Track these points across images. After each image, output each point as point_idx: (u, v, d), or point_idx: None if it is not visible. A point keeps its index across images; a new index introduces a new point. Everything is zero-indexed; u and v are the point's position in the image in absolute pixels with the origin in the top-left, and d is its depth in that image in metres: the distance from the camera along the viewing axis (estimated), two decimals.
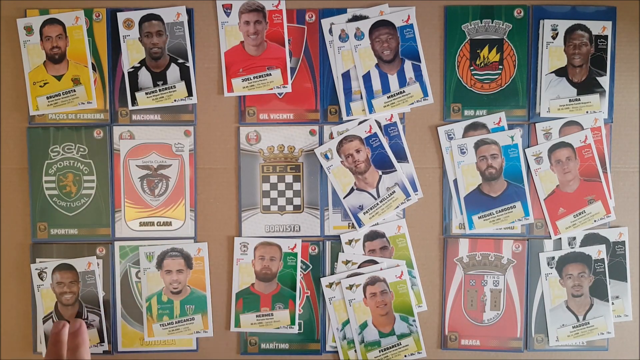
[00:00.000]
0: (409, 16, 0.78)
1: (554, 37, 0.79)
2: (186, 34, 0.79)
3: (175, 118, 0.80)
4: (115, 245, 0.80)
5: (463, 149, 0.79)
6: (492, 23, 0.79)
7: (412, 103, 0.79)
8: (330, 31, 0.79)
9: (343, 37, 0.79)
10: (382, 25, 0.79)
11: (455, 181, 0.80)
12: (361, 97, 0.79)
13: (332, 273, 0.81)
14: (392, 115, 0.80)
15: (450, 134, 0.80)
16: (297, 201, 0.81)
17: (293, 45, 0.80)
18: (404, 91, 0.79)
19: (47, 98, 0.78)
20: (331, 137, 0.80)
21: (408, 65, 0.79)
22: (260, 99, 0.80)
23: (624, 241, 0.81)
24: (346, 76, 0.79)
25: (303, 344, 0.81)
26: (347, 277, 0.80)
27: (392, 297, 0.79)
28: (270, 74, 0.79)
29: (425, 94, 0.79)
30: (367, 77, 0.79)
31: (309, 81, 0.80)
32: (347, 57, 0.79)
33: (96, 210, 0.80)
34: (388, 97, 0.79)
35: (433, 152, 0.81)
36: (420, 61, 0.79)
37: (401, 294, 0.79)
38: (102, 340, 0.80)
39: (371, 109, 0.79)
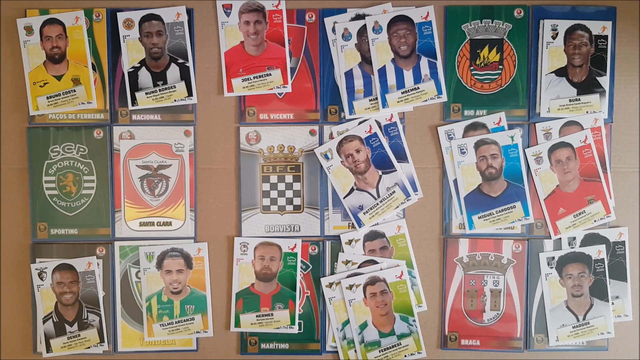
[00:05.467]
0: (427, 13, 0.78)
1: (554, 37, 0.79)
2: (186, 34, 0.79)
3: (175, 118, 0.80)
4: (115, 245, 0.80)
5: (463, 149, 0.79)
6: (492, 23, 0.79)
7: (426, 100, 0.79)
8: (333, 30, 0.79)
9: (346, 36, 0.79)
10: (400, 20, 0.78)
11: (455, 181, 0.80)
12: (364, 96, 0.79)
13: (332, 273, 0.81)
14: (392, 115, 0.80)
15: (450, 134, 0.80)
16: (297, 201, 0.80)
17: (293, 45, 0.80)
18: (418, 87, 0.79)
19: (47, 98, 0.78)
20: (331, 137, 0.80)
21: (424, 62, 0.79)
22: (260, 99, 0.80)
23: (624, 241, 0.80)
24: (349, 75, 0.79)
25: (303, 344, 0.81)
26: (347, 277, 0.79)
27: (392, 297, 0.79)
28: (270, 74, 0.79)
29: (440, 91, 0.79)
30: (382, 72, 0.79)
31: (309, 81, 0.80)
32: (350, 56, 0.79)
33: (96, 210, 0.80)
34: (402, 93, 0.79)
35: (433, 152, 0.81)
36: (436, 58, 0.79)
37: (401, 294, 0.79)
38: (102, 340, 0.80)
39: (385, 103, 0.79)
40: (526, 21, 0.79)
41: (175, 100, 0.79)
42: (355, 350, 0.80)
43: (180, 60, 0.79)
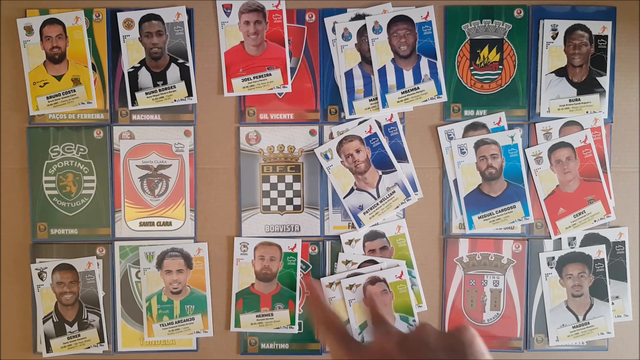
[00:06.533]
0: (427, 13, 0.78)
1: (554, 37, 0.79)
2: (186, 34, 0.79)
3: (175, 118, 0.80)
4: (115, 245, 0.80)
5: (463, 149, 0.79)
6: (492, 23, 0.79)
7: (426, 100, 0.79)
8: (333, 30, 0.79)
9: (346, 36, 0.79)
10: (400, 20, 0.79)
11: (455, 181, 0.80)
12: (364, 96, 0.79)
13: (332, 273, 0.81)
14: (392, 115, 0.80)
15: (450, 134, 0.80)
16: (297, 201, 0.80)
17: (293, 45, 0.80)
18: (418, 87, 0.79)
19: (47, 98, 0.78)
20: (331, 137, 0.80)
21: (424, 62, 0.79)
22: (260, 99, 0.80)
23: (624, 241, 0.80)
24: (349, 75, 0.79)
25: (303, 344, 0.81)
26: (347, 277, 0.79)
27: (392, 297, 0.79)
28: (270, 74, 0.79)
29: (440, 91, 0.79)
30: (382, 72, 0.79)
31: (309, 81, 0.80)
32: (350, 56, 0.79)
33: (96, 210, 0.80)
34: (402, 93, 0.79)
35: (433, 152, 0.81)
36: (436, 58, 0.79)
37: (401, 294, 0.79)
38: (102, 340, 0.80)
39: (385, 103, 0.79)
40: (526, 21, 0.79)
41: (175, 100, 0.79)
42: None
43: (180, 60, 0.79)
